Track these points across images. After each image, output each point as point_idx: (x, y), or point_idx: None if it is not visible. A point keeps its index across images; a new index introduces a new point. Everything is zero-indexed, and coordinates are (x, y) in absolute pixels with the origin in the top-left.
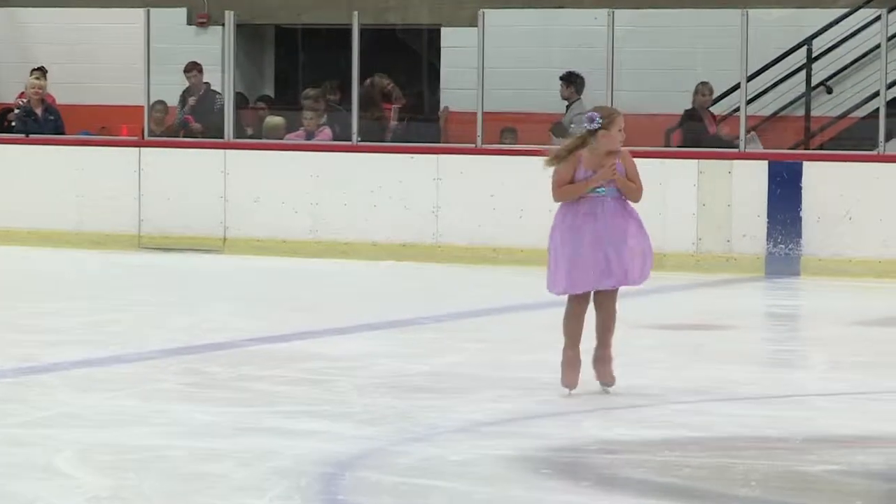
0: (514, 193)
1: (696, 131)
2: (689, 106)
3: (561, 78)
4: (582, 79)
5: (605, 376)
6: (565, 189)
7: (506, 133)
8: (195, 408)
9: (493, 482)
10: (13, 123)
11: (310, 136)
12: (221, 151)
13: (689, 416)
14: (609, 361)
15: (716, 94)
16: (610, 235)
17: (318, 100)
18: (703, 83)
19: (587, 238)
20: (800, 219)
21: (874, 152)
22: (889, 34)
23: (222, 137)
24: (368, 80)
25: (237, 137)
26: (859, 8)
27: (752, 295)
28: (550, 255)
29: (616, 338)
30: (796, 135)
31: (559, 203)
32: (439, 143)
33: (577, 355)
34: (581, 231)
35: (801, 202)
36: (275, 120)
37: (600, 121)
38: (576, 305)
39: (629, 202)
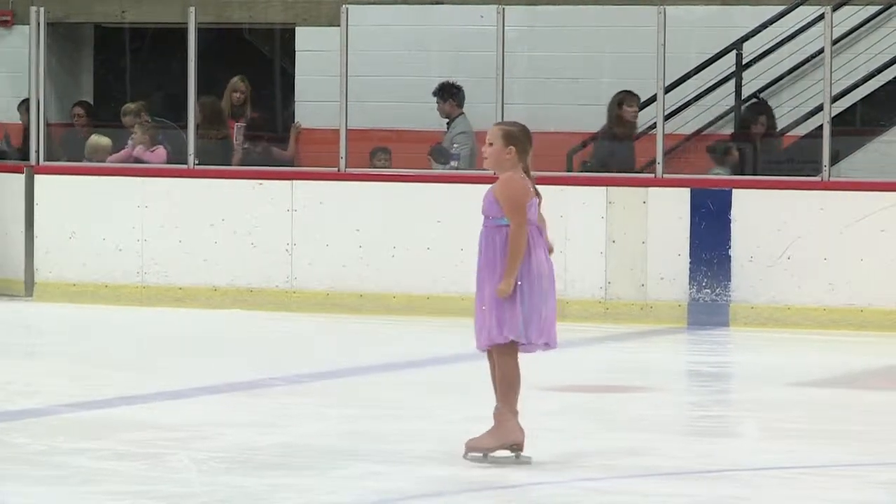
0: (385, 227)
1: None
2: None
3: (434, 94)
4: (459, 88)
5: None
6: None
7: (375, 154)
8: (1, 487)
9: None
10: None
11: (138, 157)
12: (29, 176)
13: (597, 495)
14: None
15: None
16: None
17: (141, 114)
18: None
19: None
20: (729, 258)
21: (817, 178)
22: (834, 37)
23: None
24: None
25: (49, 159)
26: (798, 5)
27: (672, 350)
28: None
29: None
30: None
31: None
32: (293, 166)
33: None
34: None
35: (729, 238)
36: (101, 140)
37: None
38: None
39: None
